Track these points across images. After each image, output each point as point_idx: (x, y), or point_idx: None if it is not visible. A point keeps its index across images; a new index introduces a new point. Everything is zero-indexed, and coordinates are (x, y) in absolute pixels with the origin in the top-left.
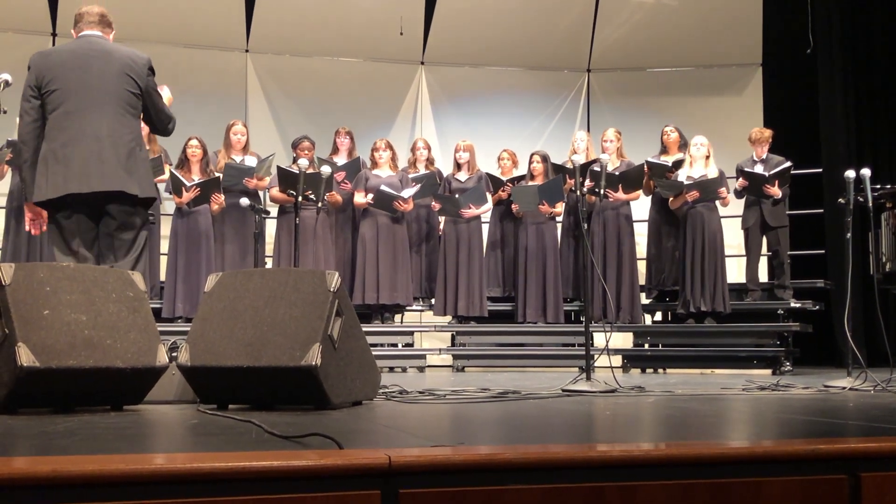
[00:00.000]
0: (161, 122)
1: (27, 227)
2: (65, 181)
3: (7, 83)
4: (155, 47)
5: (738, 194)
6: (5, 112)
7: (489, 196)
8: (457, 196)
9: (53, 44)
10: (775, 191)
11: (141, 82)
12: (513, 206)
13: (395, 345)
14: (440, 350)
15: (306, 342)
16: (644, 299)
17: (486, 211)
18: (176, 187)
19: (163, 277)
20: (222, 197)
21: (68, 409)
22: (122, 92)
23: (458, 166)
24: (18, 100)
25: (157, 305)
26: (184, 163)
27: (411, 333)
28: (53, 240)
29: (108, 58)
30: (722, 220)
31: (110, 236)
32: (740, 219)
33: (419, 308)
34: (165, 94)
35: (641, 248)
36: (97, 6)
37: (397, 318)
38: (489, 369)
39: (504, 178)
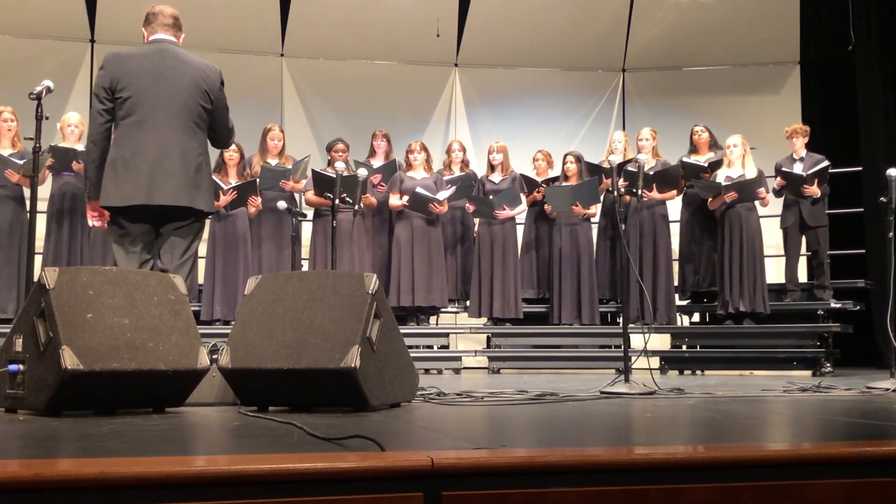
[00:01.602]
0: (225, 137)
1: (91, 223)
2: (133, 191)
3: (49, 89)
4: (190, 52)
5: (777, 193)
6: (47, 118)
7: (523, 197)
8: (491, 197)
9: (92, 51)
10: (814, 190)
11: (213, 96)
12: (546, 206)
13: (430, 347)
14: (475, 352)
15: (345, 344)
16: (677, 300)
17: (520, 212)
18: (213, 191)
19: (201, 280)
20: (259, 199)
21: (111, 412)
22: (195, 106)
23: (492, 168)
24: (60, 106)
25: (196, 308)
26: (221, 167)
27: (446, 335)
28: (114, 238)
29: (182, 69)
30: (761, 219)
31: (169, 238)
32: (779, 218)
33: (454, 310)
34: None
35: (676, 248)
36: (169, 7)
37: (432, 319)
38: (525, 371)
39: (539, 179)
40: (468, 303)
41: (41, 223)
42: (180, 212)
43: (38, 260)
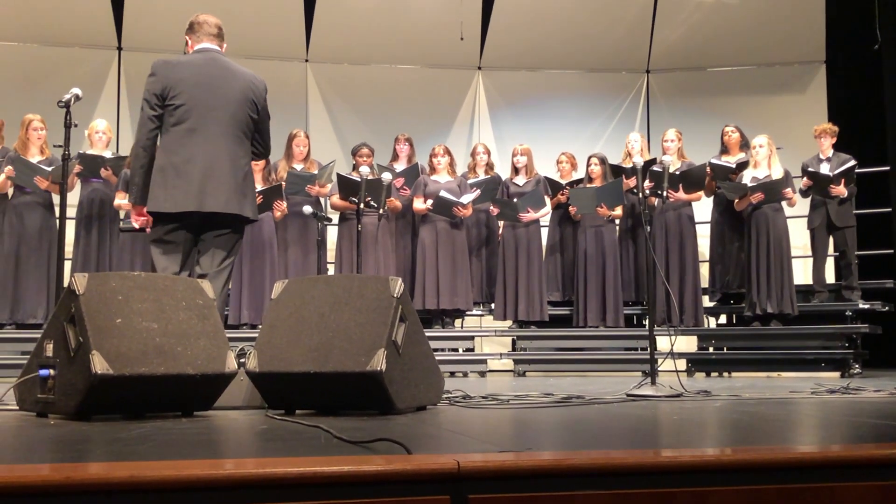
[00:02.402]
0: (266, 146)
1: (136, 225)
2: (185, 198)
3: (77, 97)
4: None
5: (804, 193)
6: (76, 125)
7: (548, 200)
8: (515, 200)
9: (119, 59)
10: (840, 190)
11: (259, 106)
12: (570, 208)
13: (455, 349)
14: (501, 355)
15: (371, 348)
16: (707, 302)
17: (544, 215)
18: None
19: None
20: (284, 204)
21: (140, 416)
22: (243, 115)
23: (516, 170)
24: (88, 113)
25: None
26: None
27: (472, 338)
28: (155, 243)
29: (232, 79)
30: (788, 220)
31: (211, 244)
32: (806, 219)
33: (479, 313)
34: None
35: (703, 250)
36: (213, 16)
37: (457, 322)
38: (550, 374)
39: (563, 182)
40: (493, 305)
41: (70, 229)
42: (226, 219)
43: (66, 266)
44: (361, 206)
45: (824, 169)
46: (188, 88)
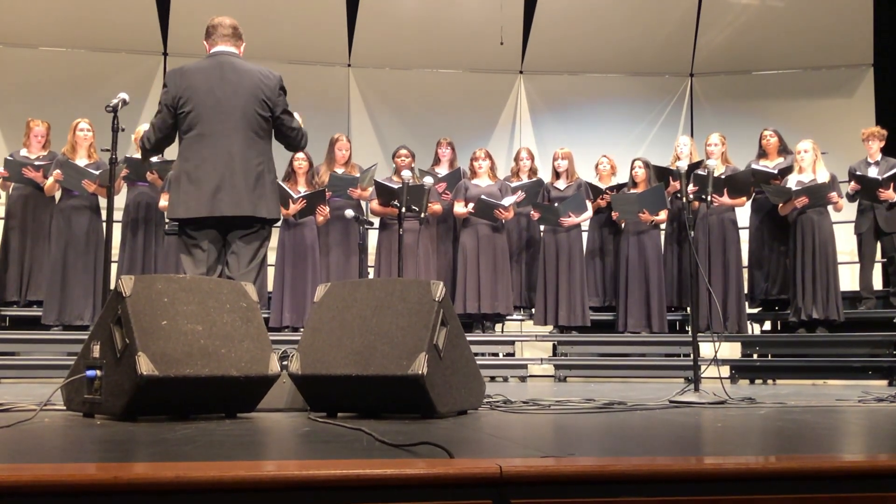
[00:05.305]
0: (294, 140)
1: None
2: (196, 204)
3: (125, 102)
4: (259, 64)
5: (851, 198)
6: (123, 130)
7: (589, 204)
8: (556, 205)
9: (164, 64)
10: (889, 194)
11: (271, 104)
12: (613, 213)
13: (495, 354)
14: (541, 360)
15: (412, 351)
16: (748, 308)
17: (586, 219)
18: (283, 199)
19: (270, 288)
20: (327, 209)
21: (185, 417)
22: (253, 116)
23: (557, 175)
24: (135, 118)
25: (265, 315)
26: (290, 175)
27: (512, 343)
28: (182, 246)
29: (240, 80)
30: (834, 225)
31: (235, 245)
32: (853, 224)
33: (520, 317)
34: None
35: (743, 255)
36: (228, 18)
37: (497, 327)
38: (591, 379)
39: (603, 186)
40: (534, 310)
41: (116, 232)
42: (244, 220)
43: (113, 268)
44: (403, 209)
45: (872, 173)
46: (196, 95)
